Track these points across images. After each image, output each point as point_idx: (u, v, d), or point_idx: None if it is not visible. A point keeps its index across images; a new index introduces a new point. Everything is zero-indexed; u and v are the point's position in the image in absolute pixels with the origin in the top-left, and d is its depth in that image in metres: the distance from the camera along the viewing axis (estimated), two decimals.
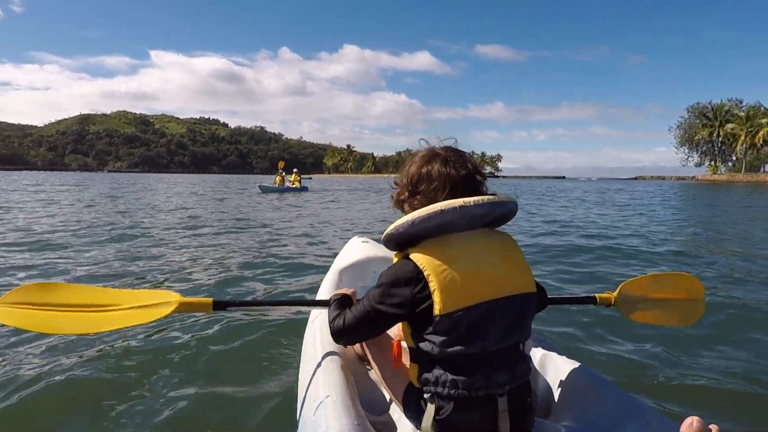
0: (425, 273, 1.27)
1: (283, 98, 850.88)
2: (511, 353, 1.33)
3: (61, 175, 79.71)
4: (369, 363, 1.66)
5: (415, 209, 1.33)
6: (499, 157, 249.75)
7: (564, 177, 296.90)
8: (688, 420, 0.99)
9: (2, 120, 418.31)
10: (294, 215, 12.75)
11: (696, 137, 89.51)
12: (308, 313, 2.37)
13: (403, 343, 1.49)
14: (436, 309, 1.25)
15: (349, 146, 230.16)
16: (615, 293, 1.97)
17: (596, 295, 1.96)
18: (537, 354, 1.77)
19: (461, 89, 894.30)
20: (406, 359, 1.47)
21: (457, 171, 1.38)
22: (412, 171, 1.43)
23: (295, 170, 28.90)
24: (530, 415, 1.36)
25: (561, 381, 1.60)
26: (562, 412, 1.52)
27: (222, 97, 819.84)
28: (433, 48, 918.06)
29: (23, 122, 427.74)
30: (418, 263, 1.29)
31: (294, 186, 27.32)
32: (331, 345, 1.65)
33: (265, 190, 25.78)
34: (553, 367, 1.69)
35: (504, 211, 1.37)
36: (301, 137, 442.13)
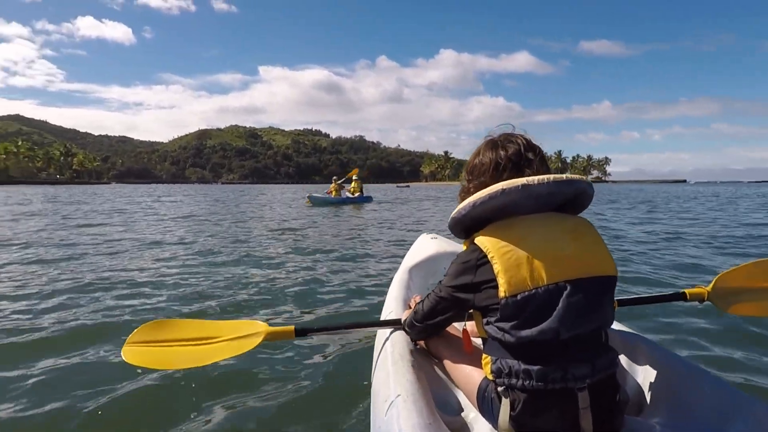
0: (489, 255, 1.23)
1: (380, 106, 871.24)
2: (589, 342, 1.24)
3: (182, 188, 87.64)
4: (441, 363, 1.64)
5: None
6: (607, 161, 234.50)
7: (685, 181, 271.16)
8: None
9: (136, 138, 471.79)
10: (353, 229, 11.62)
11: None
12: (379, 313, 2.39)
13: (470, 325, 1.48)
14: (501, 292, 1.20)
15: (446, 153, 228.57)
16: (709, 287, 1.83)
17: (686, 290, 1.82)
18: (623, 346, 1.61)
19: (564, 89, 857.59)
20: (477, 349, 1.46)
21: (505, 150, 1.37)
22: (469, 161, 1.47)
23: (354, 177, 24.05)
24: (619, 414, 1.26)
25: (653, 374, 1.47)
26: (656, 408, 1.41)
27: (323, 107, 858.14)
28: (533, 47, 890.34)
29: (152, 139, 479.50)
30: (482, 246, 1.26)
31: (354, 196, 22.58)
32: (402, 345, 1.63)
33: (316, 201, 21.06)
34: (643, 360, 1.54)
35: (574, 191, 1.31)
36: (398, 145, 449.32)
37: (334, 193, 22.10)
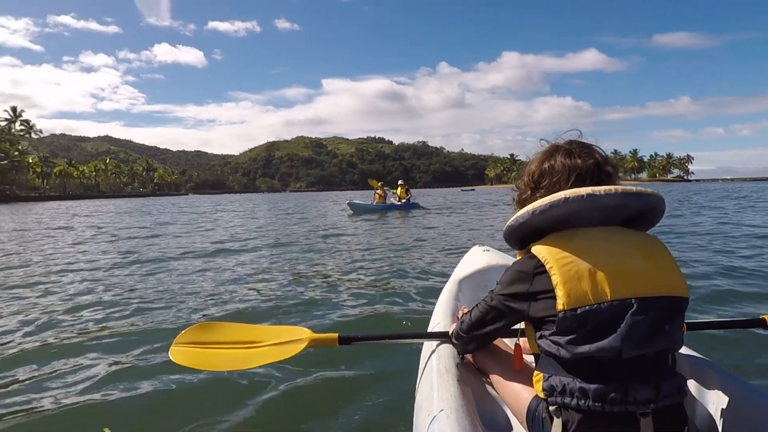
0: (547, 266, 1.15)
1: (442, 112, 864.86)
2: (654, 364, 1.13)
3: (252, 197, 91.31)
4: (489, 379, 1.56)
5: None
6: (689, 158, 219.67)
7: None
8: None
9: (210, 152, 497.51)
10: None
11: None
12: (426, 325, 2.36)
13: (522, 341, 1.40)
14: (559, 304, 1.12)
15: (512, 155, 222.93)
16: None
17: (765, 316, 1.71)
18: (693, 372, 1.48)
19: (637, 86, 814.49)
20: (528, 367, 1.38)
21: (583, 160, 1.26)
22: (533, 168, 1.34)
23: (400, 182, 22.26)
24: None
25: (728, 406, 1.34)
26: None
27: (385, 115, 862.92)
28: (602, 45, 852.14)
29: (224, 152, 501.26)
30: (540, 256, 1.18)
31: (400, 203, 20.90)
32: (448, 358, 1.58)
33: (357, 209, 19.71)
34: (716, 389, 1.40)
35: (643, 205, 1.22)
36: (462, 149, 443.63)
37: (377, 199, 20.83)
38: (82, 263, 7.65)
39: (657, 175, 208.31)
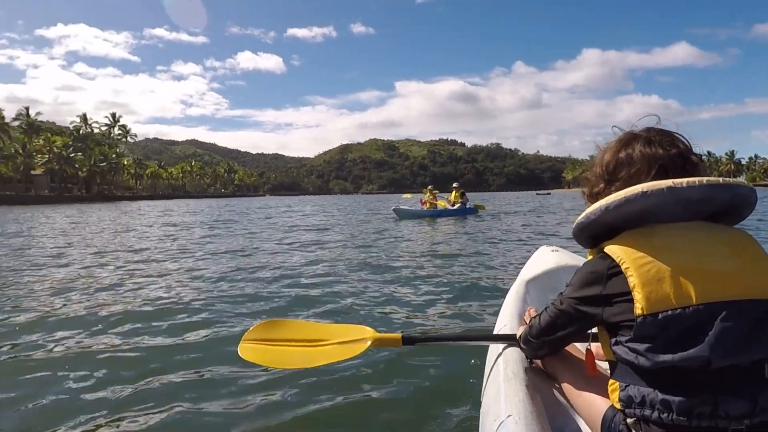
0: (623, 266, 1.06)
1: (517, 113, 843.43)
2: (749, 375, 1.02)
3: (328, 198, 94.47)
4: (559, 385, 1.47)
5: None
6: None
7: None
8: None
9: (287, 154, 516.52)
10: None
11: None
12: (492, 327, 2.29)
13: (595, 346, 1.35)
14: (638, 308, 1.02)
15: (591, 157, 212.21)
16: None
17: None
18: None
19: (734, 81, 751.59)
20: (602, 374, 1.31)
21: (666, 150, 1.15)
22: (608, 158, 1.23)
23: (455, 185, 20.29)
24: None
25: None
26: None
27: (458, 117, 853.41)
28: (693, 37, 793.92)
29: (300, 155, 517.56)
30: (615, 256, 1.08)
31: (455, 207, 19.04)
32: (515, 362, 1.53)
33: (403, 215, 18.21)
34: None
35: (731, 197, 1.10)
36: (538, 151, 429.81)
37: (428, 204, 19.19)
38: (160, 257, 8.09)
39: (757, 179, 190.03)
